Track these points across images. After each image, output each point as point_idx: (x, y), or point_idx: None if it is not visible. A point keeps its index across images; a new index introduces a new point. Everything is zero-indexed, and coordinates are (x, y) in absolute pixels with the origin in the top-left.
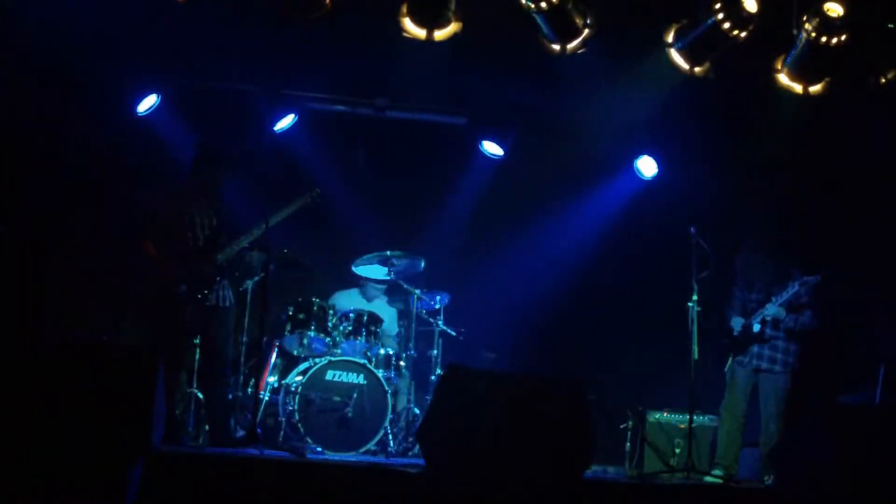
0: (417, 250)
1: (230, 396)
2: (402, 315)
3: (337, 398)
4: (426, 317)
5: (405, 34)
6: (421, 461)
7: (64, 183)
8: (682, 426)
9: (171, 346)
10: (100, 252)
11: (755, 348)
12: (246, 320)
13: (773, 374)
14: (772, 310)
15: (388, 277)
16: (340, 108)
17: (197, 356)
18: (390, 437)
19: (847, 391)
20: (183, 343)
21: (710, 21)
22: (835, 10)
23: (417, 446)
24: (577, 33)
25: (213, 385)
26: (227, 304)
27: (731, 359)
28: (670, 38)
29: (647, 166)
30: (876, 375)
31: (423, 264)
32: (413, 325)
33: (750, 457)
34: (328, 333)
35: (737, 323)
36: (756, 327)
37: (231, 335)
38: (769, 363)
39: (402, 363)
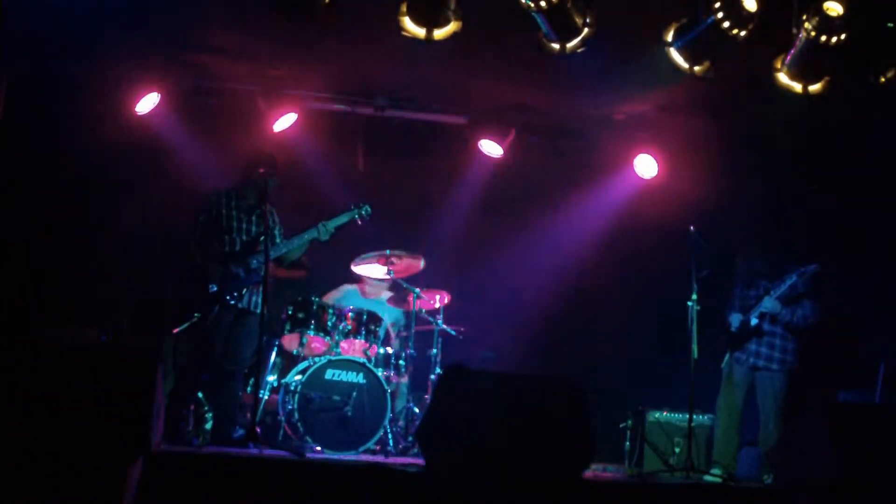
0: (417, 250)
1: (240, 393)
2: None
3: (336, 397)
4: (426, 316)
5: (405, 33)
6: (421, 461)
7: (64, 183)
8: (682, 425)
9: (194, 345)
10: (100, 252)
11: (753, 346)
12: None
13: (770, 372)
14: (768, 303)
15: (388, 277)
16: (340, 107)
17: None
18: (390, 436)
19: (847, 390)
20: (205, 343)
21: (709, 20)
22: (835, 9)
23: (417, 446)
24: (577, 33)
25: (223, 382)
26: (256, 309)
27: (728, 354)
28: (670, 37)
29: (647, 166)
30: (876, 375)
31: (422, 264)
32: (413, 325)
33: (749, 456)
34: (328, 332)
35: (735, 319)
36: (753, 321)
37: (255, 341)
38: (766, 361)
39: (401, 362)
